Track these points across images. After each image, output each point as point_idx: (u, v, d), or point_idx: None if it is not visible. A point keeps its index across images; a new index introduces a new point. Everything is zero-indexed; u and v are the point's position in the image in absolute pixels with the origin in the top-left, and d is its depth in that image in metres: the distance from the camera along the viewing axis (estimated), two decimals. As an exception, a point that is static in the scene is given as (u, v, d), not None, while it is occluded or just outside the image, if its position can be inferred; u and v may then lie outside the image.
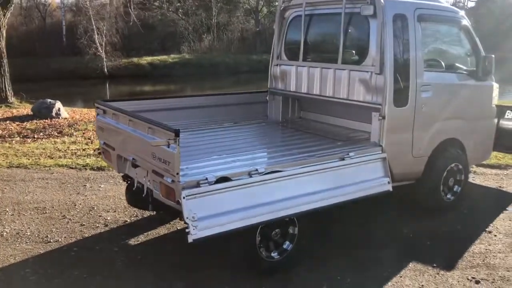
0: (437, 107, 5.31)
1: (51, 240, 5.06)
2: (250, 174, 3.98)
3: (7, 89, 14.77)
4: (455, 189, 5.78)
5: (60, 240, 5.08)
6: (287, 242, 4.34)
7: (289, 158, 4.58)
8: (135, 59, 37.34)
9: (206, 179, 3.74)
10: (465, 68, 5.69)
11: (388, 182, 4.85)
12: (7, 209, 5.93)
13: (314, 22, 5.85)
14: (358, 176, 4.67)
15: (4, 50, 14.77)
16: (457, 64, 5.62)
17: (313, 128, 5.92)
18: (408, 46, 4.95)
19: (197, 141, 5.23)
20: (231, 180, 3.87)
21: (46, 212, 5.83)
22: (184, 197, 3.58)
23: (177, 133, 3.61)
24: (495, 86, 5.96)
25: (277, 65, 6.22)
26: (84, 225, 5.46)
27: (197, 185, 3.69)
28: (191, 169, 4.09)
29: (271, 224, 4.17)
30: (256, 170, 4.02)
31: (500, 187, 6.66)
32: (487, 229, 5.25)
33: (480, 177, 7.10)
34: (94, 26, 36.28)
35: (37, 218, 5.66)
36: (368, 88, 5.07)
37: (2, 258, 4.66)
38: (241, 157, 4.59)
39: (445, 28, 5.53)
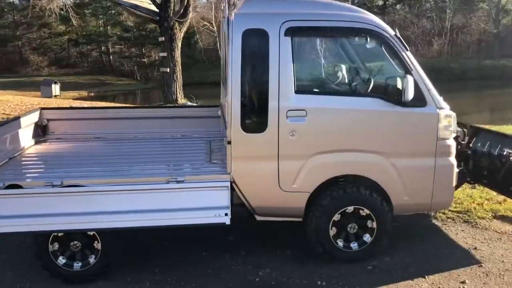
0: (319, 136, 4.48)
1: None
2: (46, 185, 4.33)
3: (177, 92, 17.35)
4: (364, 239, 4.72)
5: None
6: (93, 256, 4.49)
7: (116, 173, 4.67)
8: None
9: None
10: (380, 90, 4.58)
11: (226, 214, 4.41)
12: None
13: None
14: (185, 202, 4.41)
15: (179, 59, 17.36)
16: (362, 86, 4.57)
17: None
18: (267, 65, 4.37)
19: (108, 150, 5.68)
20: (23, 188, 4.31)
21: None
22: None
23: None
24: (445, 114, 4.57)
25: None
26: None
27: None
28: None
29: (71, 235, 4.42)
30: (51, 182, 4.34)
31: (474, 247, 4.98)
32: (344, 292, 4.21)
33: (471, 231, 5.40)
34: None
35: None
36: None
37: None
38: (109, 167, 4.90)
39: (346, 42, 4.56)
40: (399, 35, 4.51)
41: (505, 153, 5.17)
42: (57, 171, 4.76)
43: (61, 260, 4.45)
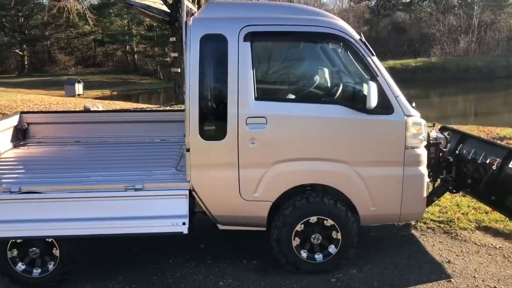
0: (281, 144, 4.35)
1: None
2: (4, 191, 4.34)
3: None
4: (329, 250, 4.57)
5: None
6: (52, 263, 4.48)
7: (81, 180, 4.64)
8: (377, 63, 37.05)
9: None
10: (344, 97, 4.42)
11: (184, 223, 4.34)
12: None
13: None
14: (143, 211, 4.37)
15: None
16: (325, 92, 4.42)
17: None
18: (225, 71, 4.26)
19: (81, 155, 5.67)
20: (-18, 194, 4.33)
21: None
22: None
23: None
24: (413, 122, 4.37)
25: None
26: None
27: None
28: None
29: (29, 241, 4.42)
30: (9, 188, 4.35)
31: (448, 261, 4.75)
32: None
33: (450, 242, 5.16)
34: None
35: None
36: None
37: None
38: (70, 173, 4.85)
39: (308, 48, 4.40)
40: (364, 40, 4.32)
41: (488, 161, 4.94)
42: (22, 177, 4.77)
43: (20, 266, 4.45)
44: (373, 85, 4.12)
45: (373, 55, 4.33)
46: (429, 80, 34.82)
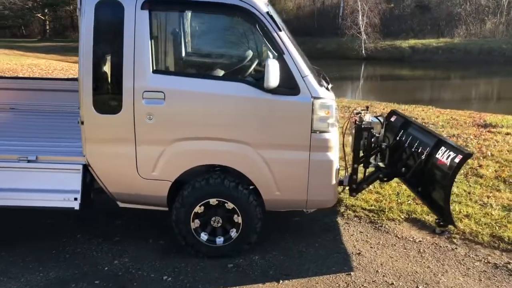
0: (179, 122, 4.12)
1: None
2: None
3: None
4: (231, 234, 4.37)
5: None
6: None
7: None
8: (397, 42, 36.00)
9: None
10: (246, 75, 4.14)
11: (75, 199, 4.20)
12: None
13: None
14: (36, 183, 4.25)
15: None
16: (227, 69, 4.13)
17: None
18: (121, 41, 4.02)
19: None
20: None
21: None
22: None
23: None
24: (321, 104, 4.06)
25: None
26: None
27: None
28: None
29: None
30: None
31: (358, 253, 4.49)
32: None
33: (370, 233, 4.88)
34: (360, 7, 36.76)
35: None
36: None
37: None
38: None
39: (211, 19, 4.10)
40: (272, 14, 4.00)
41: (420, 150, 4.63)
42: None
43: None
44: (272, 63, 3.82)
45: (280, 30, 4.01)
46: (449, 61, 33.70)
